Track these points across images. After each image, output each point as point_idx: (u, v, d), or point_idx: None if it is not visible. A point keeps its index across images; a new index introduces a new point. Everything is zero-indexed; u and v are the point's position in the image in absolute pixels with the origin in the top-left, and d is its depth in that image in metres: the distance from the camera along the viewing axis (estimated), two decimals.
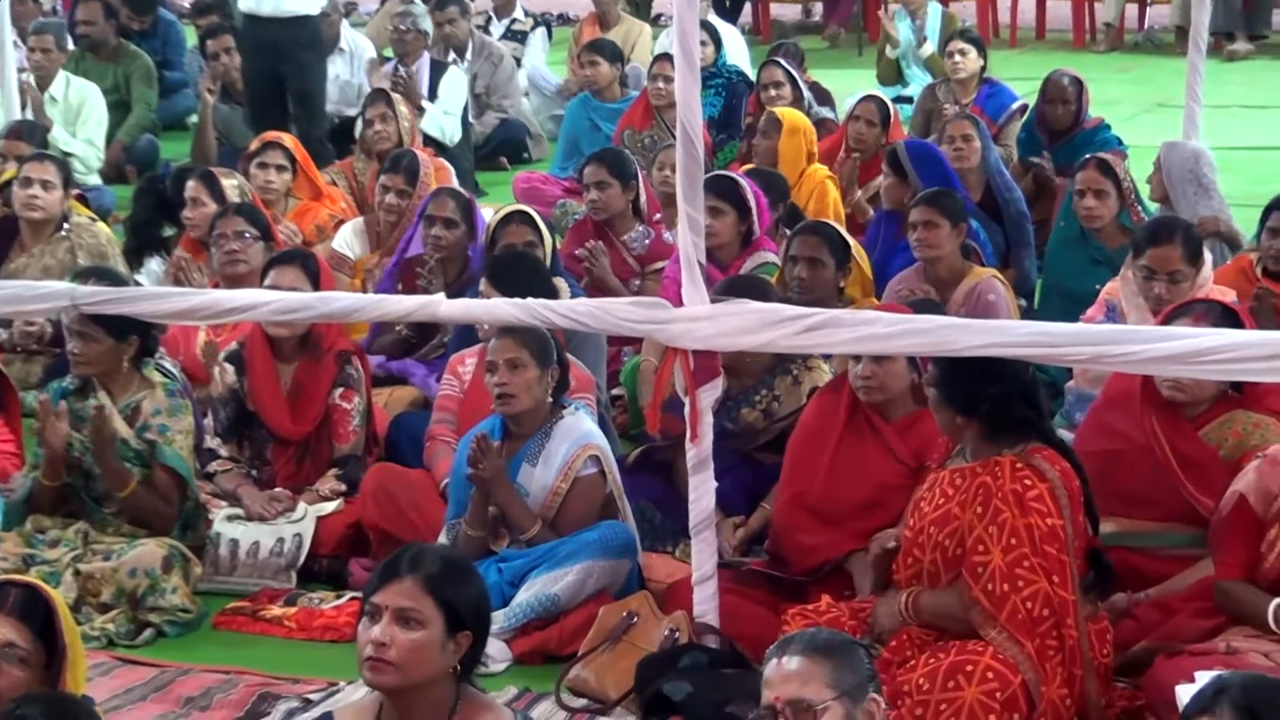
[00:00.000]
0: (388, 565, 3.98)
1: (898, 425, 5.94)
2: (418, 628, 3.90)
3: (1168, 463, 5.70)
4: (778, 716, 3.70)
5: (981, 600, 5.06)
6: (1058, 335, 5.23)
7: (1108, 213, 8.10)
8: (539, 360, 6.03)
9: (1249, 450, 5.61)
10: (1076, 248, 8.28)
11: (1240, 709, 3.40)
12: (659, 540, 6.53)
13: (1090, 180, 8.14)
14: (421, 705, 3.93)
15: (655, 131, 10.81)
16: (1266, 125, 13.31)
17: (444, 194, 7.96)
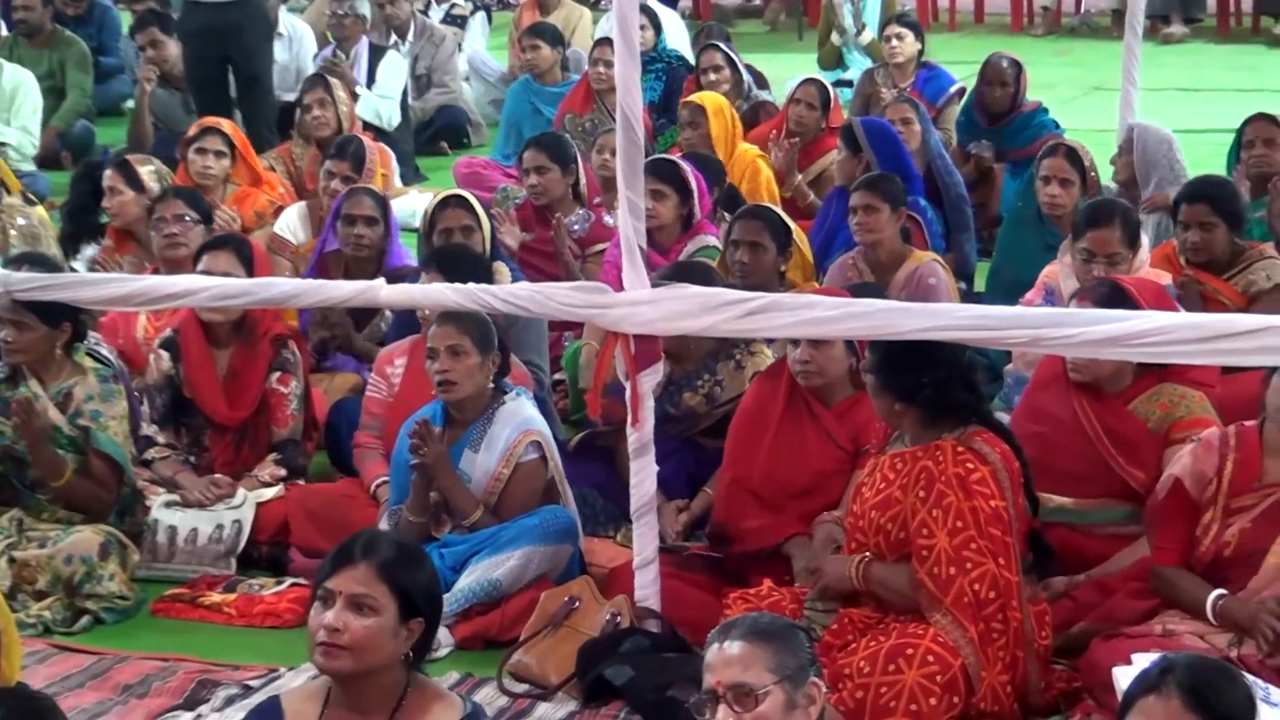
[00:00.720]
0: (341, 551, 3.96)
1: (836, 410, 5.95)
2: (371, 614, 3.89)
3: (1098, 439, 5.75)
4: (719, 701, 3.71)
5: (927, 583, 5.08)
6: (997, 318, 5.24)
7: (1071, 201, 8.09)
8: (480, 346, 6.01)
9: (1175, 422, 5.71)
10: (1030, 231, 8.28)
11: (1186, 689, 3.42)
12: (600, 525, 6.54)
13: (1057, 168, 8.11)
14: (372, 691, 3.92)
15: (596, 115, 10.80)
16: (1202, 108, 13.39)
17: (360, 193, 7.89)
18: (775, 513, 5.90)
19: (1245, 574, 5.20)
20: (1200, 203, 7.21)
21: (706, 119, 9.49)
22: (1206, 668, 3.49)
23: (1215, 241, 7.17)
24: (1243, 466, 5.28)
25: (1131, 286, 5.88)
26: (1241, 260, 7.23)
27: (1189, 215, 7.22)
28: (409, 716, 3.92)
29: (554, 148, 8.60)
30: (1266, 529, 5.20)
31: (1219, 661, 3.61)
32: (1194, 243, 7.18)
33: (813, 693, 3.74)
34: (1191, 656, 3.58)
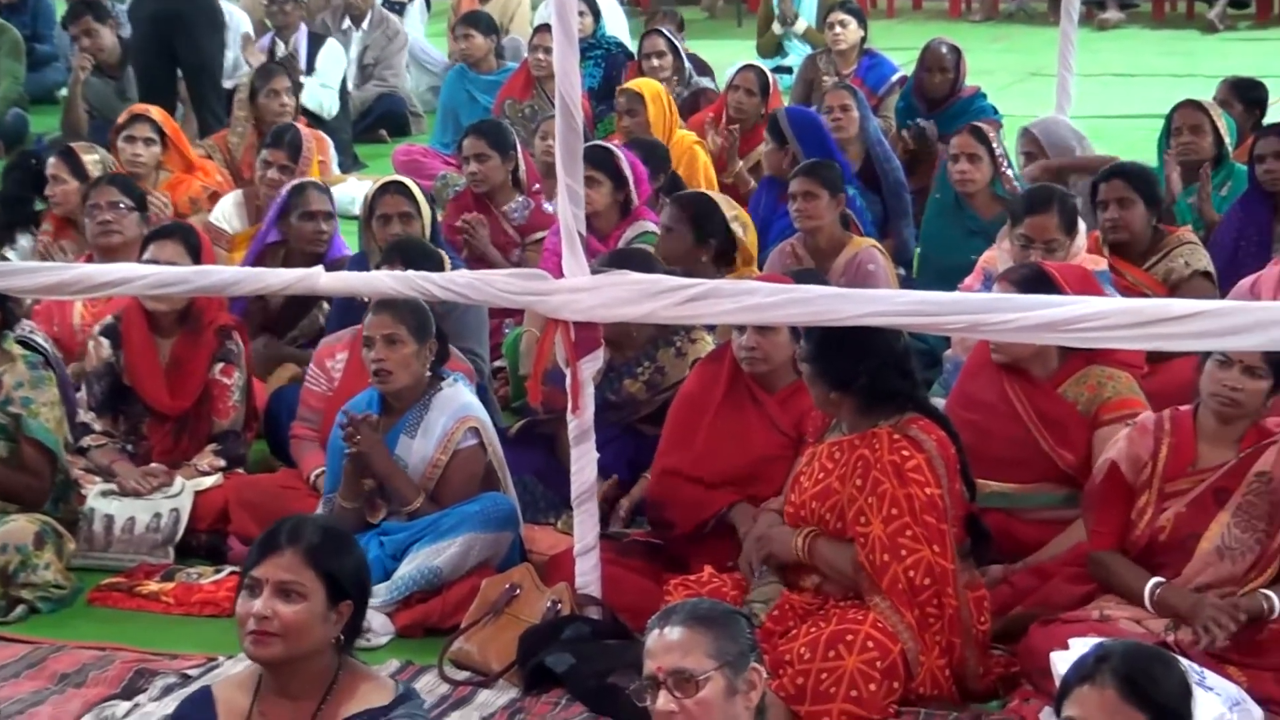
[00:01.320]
0: (266, 538, 3.95)
1: (779, 396, 5.96)
2: (299, 600, 3.88)
3: (1030, 422, 5.80)
4: (660, 687, 3.71)
5: (866, 568, 5.10)
6: (936, 304, 5.27)
7: (981, 177, 8.16)
8: (417, 335, 5.99)
9: (1104, 403, 5.76)
10: (952, 218, 8.35)
11: (1121, 677, 3.44)
12: (541, 512, 6.53)
13: (963, 145, 8.22)
14: (303, 676, 3.92)
15: (536, 102, 10.78)
16: (1137, 93, 13.47)
17: (310, 188, 7.83)
18: (713, 493, 5.89)
19: (1180, 558, 5.24)
20: (1117, 179, 7.25)
21: (645, 106, 9.50)
22: (1142, 656, 3.50)
23: (1134, 219, 7.19)
24: (1177, 451, 5.32)
25: (1055, 270, 5.91)
26: (1161, 247, 7.25)
27: (1107, 193, 7.25)
28: (340, 700, 3.92)
29: (494, 135, 8.57)
30: (1200, 513, 5.24)
31: (1155, 649, 3.62)
32: (1112, 220, 7.21)
33: (753, 678, 3.75)
34: (1127, 644, 3.59)
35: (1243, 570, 5.20)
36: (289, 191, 7.83)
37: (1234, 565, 5.20)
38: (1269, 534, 5.20)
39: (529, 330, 7.32)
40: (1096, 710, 3.41)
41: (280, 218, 7.79)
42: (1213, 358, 5.27)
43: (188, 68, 11.10)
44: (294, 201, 7.74)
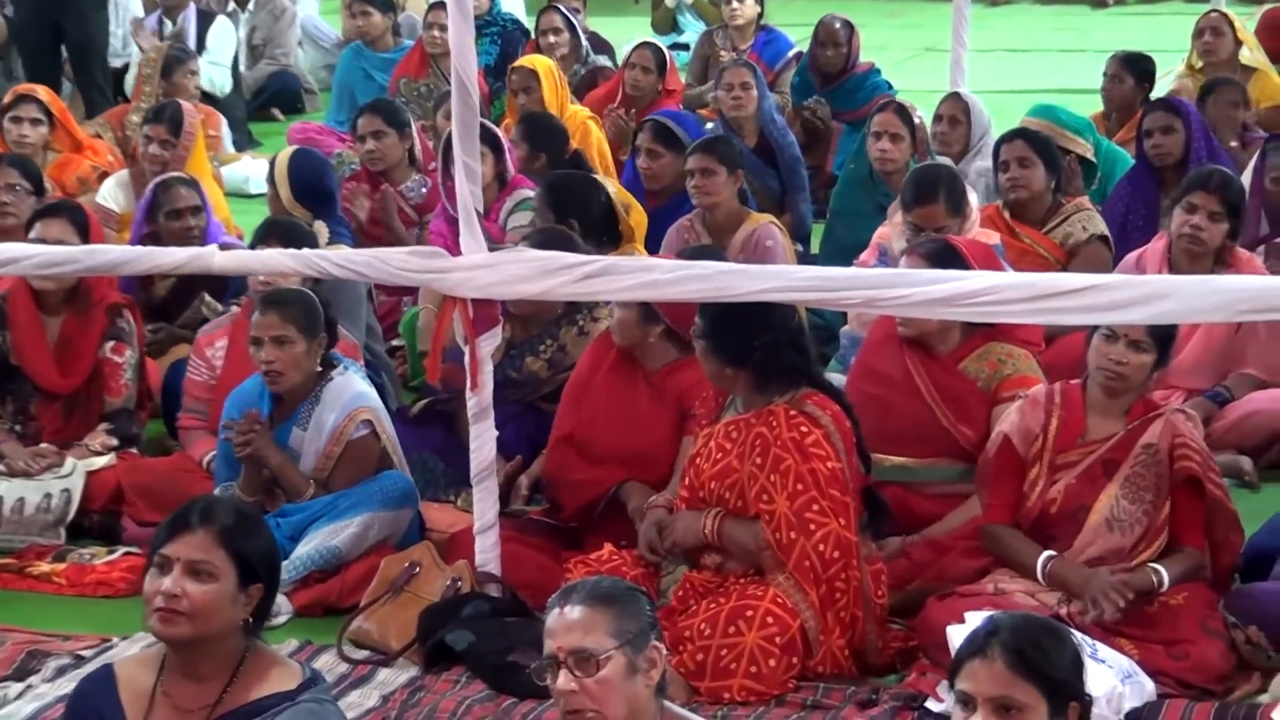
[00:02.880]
0: (178, 517, 3.91)
1: (661, 372, 5.96)
2: (210, 580, 3.85)
3: (930, 397, 5.84)
4: (560, 666, 3.70)
5: (772, 545, 5.12)
6: (833, 280, 5.29)
7: (901, 157, 8.18)
8: (306, 333, 5.92)
9: (1003, 380, 5.81)
10: (863, 190, 8.37)
11: (1010, 650, 3.46)
12: (441, 490, 6.52)
13: (886, 123, 8.21)
14: (209, 657, 3.89)
15: (432, 80, 10.73)
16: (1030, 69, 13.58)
17: (175, 184, 7.69)
18: (603, 468, 5.91)
19: (1071, 530, 5.29)
20: (1019, 140, 7.43)
21: (540, 83, 9.48)
22: (1032, 628, 3.52)
23: (1034, 179, 7.34)
24: (1067, 424, 5.38)
25: (961, 245, 5.96)
26: (1060, 213, 7.42)
27: (1008, 153, 7.41)
28: (246, 682, 3.89)
29: (389, 113, 8.54)
30: (1089, 485, 5.30)
31: (1045, 621, 3.64)
32: (1012, 179, 7.34)
33: (654, 656, 3.75)
34: (1017, 617, 3.61)
35: (1131, 542, 5.26)
36: (155, 188, 7.68)
37: (1123, 537, 5.26)
38: (1156, 506, 5.27)
39: (426, 308, 7.30)
40: (987, 683, 3.44)
41: (148, 215, 7.65)
42: (1099, 332, 5.33)
43: (73, 46, 10.97)
44: (160, 199, 7.59)
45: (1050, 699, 3.42)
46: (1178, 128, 8.02)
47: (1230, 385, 6.71)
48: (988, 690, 3.43)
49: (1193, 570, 5.29)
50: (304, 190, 7.66)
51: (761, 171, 8.93)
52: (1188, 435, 5.30)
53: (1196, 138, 8.03)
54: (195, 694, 3.89)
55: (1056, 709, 3.43)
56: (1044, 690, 3.42)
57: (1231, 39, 10.03)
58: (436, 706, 5.10)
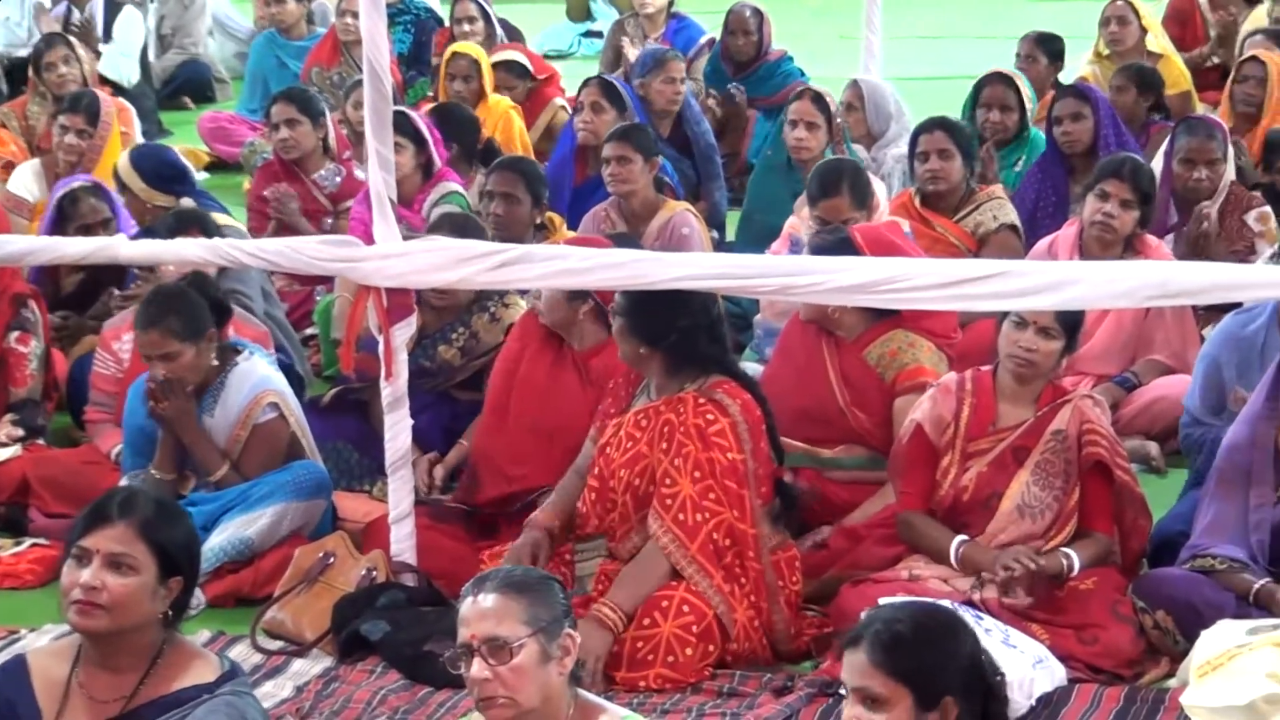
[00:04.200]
0: (97, 508, 3.89)
1: (587, 353, 5.96)
2: (130, 573, 3.82)
3: (836, 383, 5.88)
4: (474, 654, 3.70)
5: (674, 529, 5.13)
6: (747, 267, 5.33)
7: (817, 145, 8.21)
8: (191, 338, 5.83)
9: (901, 370, 5.86)
10: (779, 178, 8.39)
11: (876, 644, 3.48)
12: (356, 479, 6.50)
13: (803, 112, 8.24)
14: (127, 649, 3.87)
15: (344, 69, 10.68)
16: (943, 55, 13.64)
17: (81, 195, 7.42)
18: (532, 458, 5.90)
19: (983, 517, 5.34)
20: (939, 130, 7.47)
21: (480, 72, 9.49)
22: (905, 622, 3.52)
23: (952, 171, 7.41)
24: (978, 411, 5.42)
25: (860, 236, 5.98)
26: (971, 201, 7.48)
27: (928, 144, 7.45)
28: (165, 674, 3.87)
29: (303, 101, 8.50)
30: (1001, 472, 5.35)
31: (931, 615, 3.64)
32: (931, 170, 7.39)
33: (567, 644, 3.75)
34: (897, 610, 3.61)
35: (1042, 528, 5.31)
36: (62, 200, 7.40)
37: (1034, 523, 5.30)
38: (1065, 492, 5.32)
39: (342, 296, 7.27)
40: (854, 674, 3.47)
41: (55, 227, 7.31)
42: (1009, 319, 5.37)
43: None
44: (68, 212, 7.34)
45: (916, 693, 3.44)
46: (1087, 115, 8.09)
47: (1138, 371, 6.78)
48: (854, 681, 3.47)
49: (1102, 555, 5.35)
50: (155, 177, 7.59)
51: (677, 159, 8.93)
52: (1096, 421, 5.35)
53: (1105, 125, 8.10)
54: (111, 685, 3.87)
55: (925, 703, 3.44)
56: (909, 684, 3.44)
57: (1137, 27, 10.11)
58: (351, 697, 5.09)
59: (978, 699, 3.52)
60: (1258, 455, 5.24)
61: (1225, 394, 5.95)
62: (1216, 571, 5.17)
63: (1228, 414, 5.75)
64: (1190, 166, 7.50)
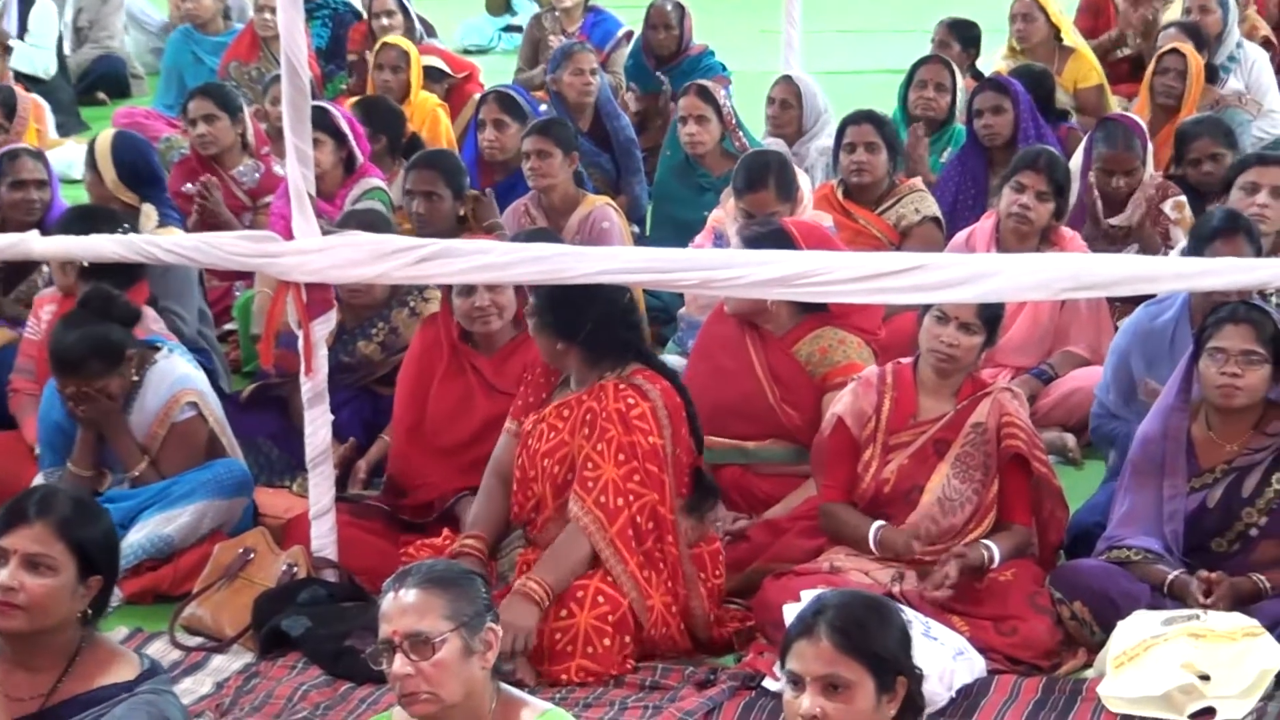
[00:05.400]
0: (14, 507, 3.86)
1: (498, 356, 5.94)
2: (49, 573, 3.81)
3: (763, 378, 5.88)
4: (395, 650, 3.70)
5: (595, 510, 5.13)
6: (669, 261, 5.34)
7: (710, 139, 8.25)
8: (110, 373, 5.77)
9: (832, 367, 5.87)
10: (683, 175, 8.44)
11: (836, 629, 3.48)
12: (276, 475, 6.48)
13: (690, 107, 8.29)
14: (45, 648, 3.85)
15: (263, 64, 10.62)
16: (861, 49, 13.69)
17: (22, 154, 7.52)
18: (445, 463, 5.89)
19: (904, 510, 5.37)
20: (867, 123, 7.53)
21: (409, 65, 9.46)
22: (857, 606, 3.54)
23: (878, 164, 7.47)
24: (899, 404, 5.45)
25: (794, 229, 6.01)
26: (894, 194, 7.54)
27: (855, 136, 7.51)
28: (84, 673, 3.85)
29: (221, 96, 8.42)
30: (922, 465, 5.38)
31: (871, 598, 3.66)
32: (858, 163, 7.44)
33: (489, 638, 3.75)
34: (843, 595, 3.62)
35: (962, 521, 5.35)
36: (2, 157, 7.49)
37: (954, 516, 5.34)
38: (985, 484, 5.36)
39: (262, 291, 7.24)
40: (814, 662, 3.46)
41: None
42: (930, 314, 5.41)
43: None
44: (5, 169, 7.45)
45: (877, 675, 3.46)
46: (1007, 107, 8.14)
47: (1054, 363, 6.83)
48: (815, 669, 3.46)
49: (1021, 547, 5.39)
50: (130, 174, 7.55)
51: (596, 153, 8.94)
52: (1014, 414, 5.40)
53: (1025, 117, 8.15)
54: (28, 684, 3.86)
55: (884, 685, 3.47)
56: (870, 667, 3.45)
57: (1044, 23, 10.13)
58: (272, 693, 5.07)
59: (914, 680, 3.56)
60: (1170, 447, 5.30)
61: (1135, 385, 6.02)
62: (1132, 563, 5.23)
63: (1138, 405, 5.81)
64: (1109, 175, 7.54)
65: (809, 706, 3.44)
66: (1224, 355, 5.22)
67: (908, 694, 3.52)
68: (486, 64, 11.79)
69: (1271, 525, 5.24)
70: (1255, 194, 6.63)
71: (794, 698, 3.48)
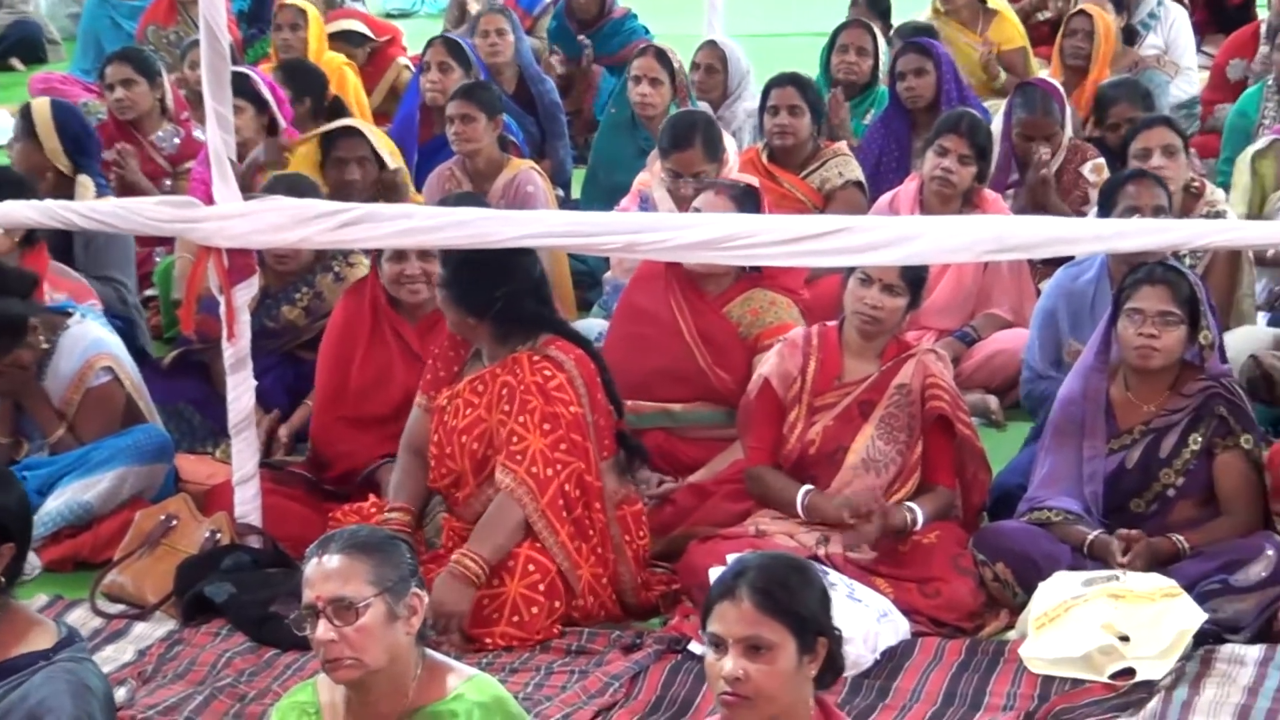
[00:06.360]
0: None
1: (420, 326, 5.93)
2: None
3: (692, 340, 5.88)
4: (319, 616, 3.68)
5: (528, 480, 5.13)
6: (593, 224, 5.34)
7: (662, 101, 8.24)
8: (17, 345, 5.70)
9: (764, 328, 5.87)
10: (624, 135, 8.40)
11: (757, 590, 3.48)
12: (198, 441, 6.45)
13: (647, 68, 8.26)
14: None
15: (181, 28, 10.52)
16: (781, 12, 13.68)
17: None
18: (367, 434, 5.87)
19: (829, 472, 5.39)
20: (790, 86, 7.56)
21: (308, 23, 9.40)
22: (778, 567, 3.54)
23: (801, 127, 7.49)
24: (824, 366, 5.47)
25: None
26: (818, 157, 7.56)
27: (779, 98, 7.54)
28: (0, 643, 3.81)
29: (139, 61, 8.36)
30: (846, 426, 5.40)
31: (792, 559, 3.66)
32: (781, 125, 7.46)
33: (414, 604, 3.74)
34: (764, 556, 3.63)
35: (886, 482, 5.37)
36: None
37: (878, 477, 5.37)
38: (909, 445, 5.39)
39: (181, 256, 7.19)
40: (736, 624, 3.46)
41: None
42: (854, 276, 5.42)
43: None
44: None
45: (798, 636, 3.47)
46: (929, 70, 8.16)
47: (977, 325, 6.86)
48: (737, 631, 3.46)
49: (944, 509, 5.42)
50: (72, 143, 7.46)
51: (521, 117, 8.91)
52: (938, 375, 5.42)
53: (947, 80, 8.17)
54: None
55: (805, 646, 3.48)
56: (792, 628, 3.46)
57: None
58: (195, 660, 5.05)
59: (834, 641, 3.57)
60: (1089, 408, 5.34)
61: (1061, 346, 6.05)
62: (1053, 524, 5.27)
63: (1065, 366, 5.85)
64: (1028, 140, 7.60)
65: (731, 668, 3.44)
66: (1141, 316, 5.26)
67: (828, 654, 3.53)
68: (410, 28, 11.72)
69: (1188, 486, 5.29)
70: (1149, 159, 6.69)
71: (716, 660, 3.48)
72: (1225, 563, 5.10)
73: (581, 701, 4.76)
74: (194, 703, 4.79)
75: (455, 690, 3.72)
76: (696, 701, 4.78)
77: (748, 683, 3.43)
